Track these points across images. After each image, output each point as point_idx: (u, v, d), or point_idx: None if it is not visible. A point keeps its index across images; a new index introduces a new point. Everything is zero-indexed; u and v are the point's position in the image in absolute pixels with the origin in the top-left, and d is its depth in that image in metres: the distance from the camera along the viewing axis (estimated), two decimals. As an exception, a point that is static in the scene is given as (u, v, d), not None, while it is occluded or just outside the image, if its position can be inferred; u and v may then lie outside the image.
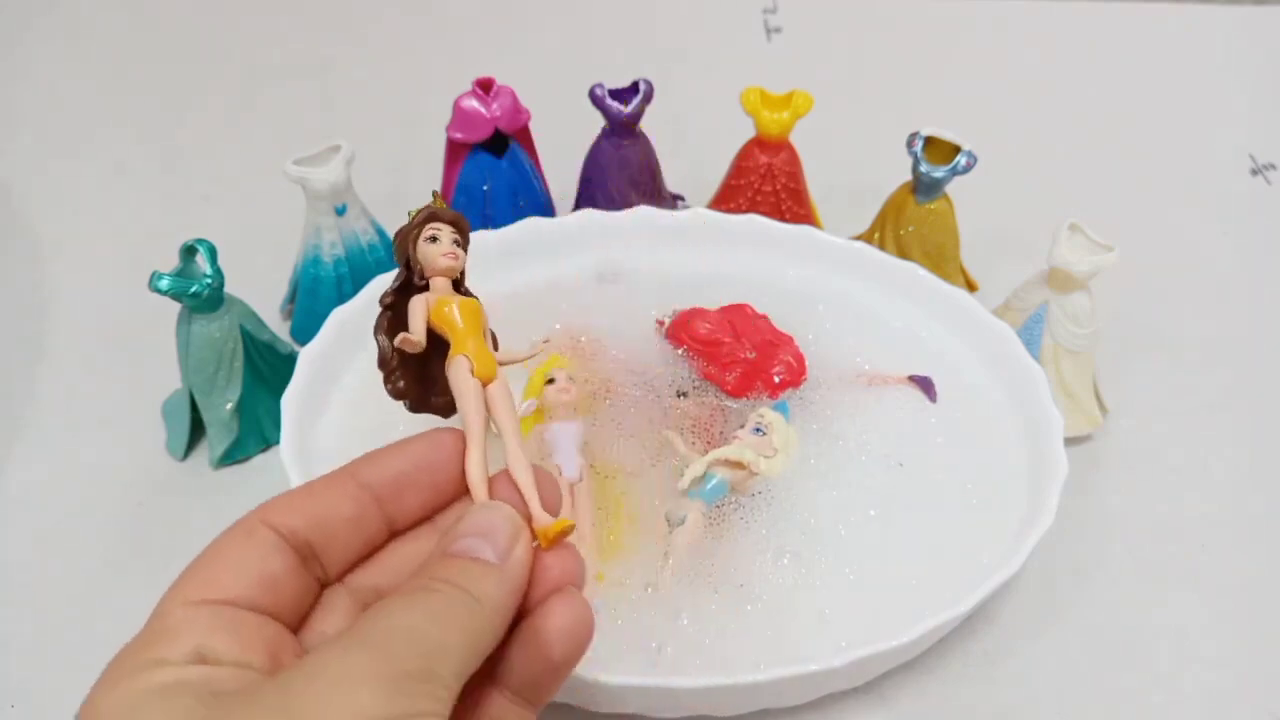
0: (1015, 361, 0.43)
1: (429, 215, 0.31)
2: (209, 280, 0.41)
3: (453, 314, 0.30)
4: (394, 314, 0.31)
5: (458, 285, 0.31)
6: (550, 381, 0.41)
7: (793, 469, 0.40)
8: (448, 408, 0.31)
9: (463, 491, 0.28)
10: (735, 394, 0.42)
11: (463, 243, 0.31)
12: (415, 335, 0.29)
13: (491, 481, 0.28)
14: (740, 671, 0.32)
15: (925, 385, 0.43)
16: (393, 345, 0.30)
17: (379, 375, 0.31)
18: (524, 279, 0.47)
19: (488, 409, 0.29)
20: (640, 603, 0.36)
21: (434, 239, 0.30)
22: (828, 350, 0.45)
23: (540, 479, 0.28)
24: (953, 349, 0.45)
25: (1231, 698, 0.38)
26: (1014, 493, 0.40)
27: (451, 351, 0.29)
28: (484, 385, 0.29)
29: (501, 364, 0.30)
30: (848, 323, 0.46)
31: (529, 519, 0.27)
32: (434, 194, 0.33)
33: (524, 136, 0.52)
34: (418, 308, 0.30)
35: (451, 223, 0.31)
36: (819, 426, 0.42)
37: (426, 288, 0.31)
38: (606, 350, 0.45)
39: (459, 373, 0.29)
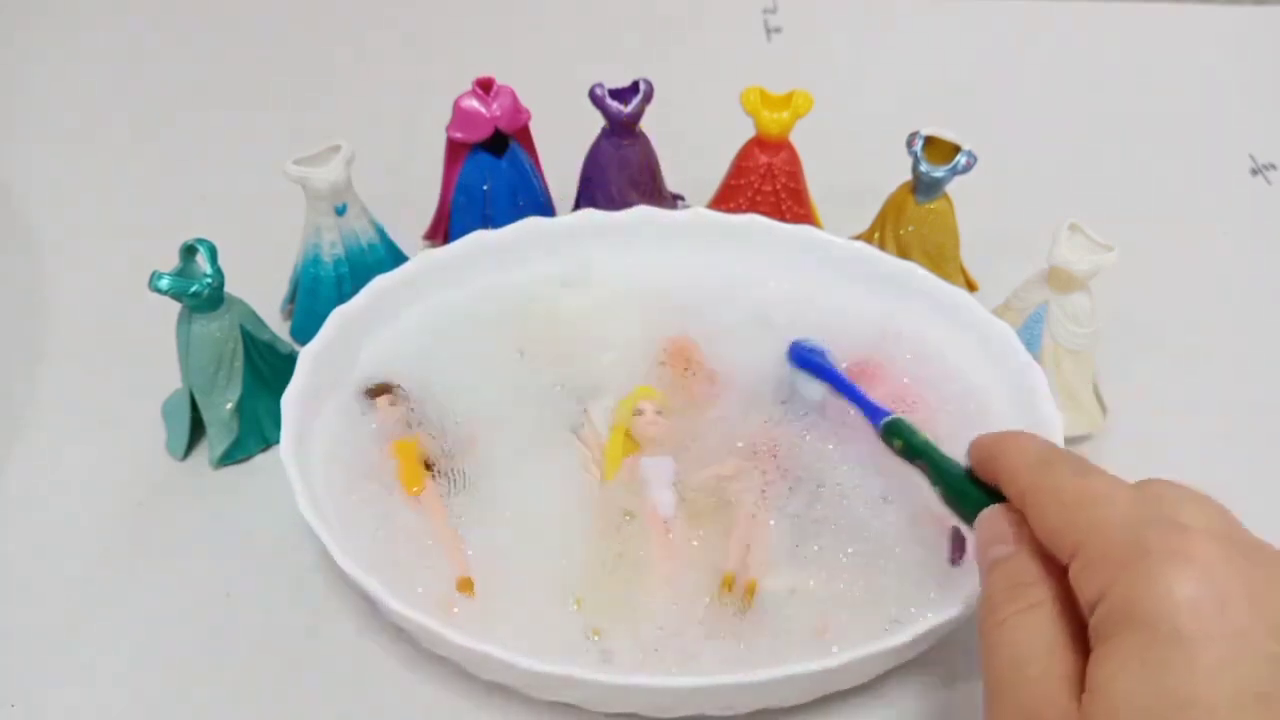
0: (1015, 361, 0.43)
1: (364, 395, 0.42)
2: (209, 280, 0.41)
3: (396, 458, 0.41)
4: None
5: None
6: (639, 414, 0.42)
7: (791, 468, 0.40)
8: None
9: None
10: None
11: (394, 400, 0.42)
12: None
13: None
14: (740, 671, 0.32)
15: (956, 543, 0.38)
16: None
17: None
18: (524, 279, 0.47)
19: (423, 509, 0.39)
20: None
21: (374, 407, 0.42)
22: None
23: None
24: (953, 349, 0.45)
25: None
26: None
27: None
28: (418, 494, 0.40)
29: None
30: (848, 322, 0.46)
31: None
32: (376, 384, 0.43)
33: (524, 136, 0.52)
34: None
35: (380, 393, 0.43)
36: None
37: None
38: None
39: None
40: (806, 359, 0.44)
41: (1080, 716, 0.23)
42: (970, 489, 0.33)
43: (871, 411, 0.40)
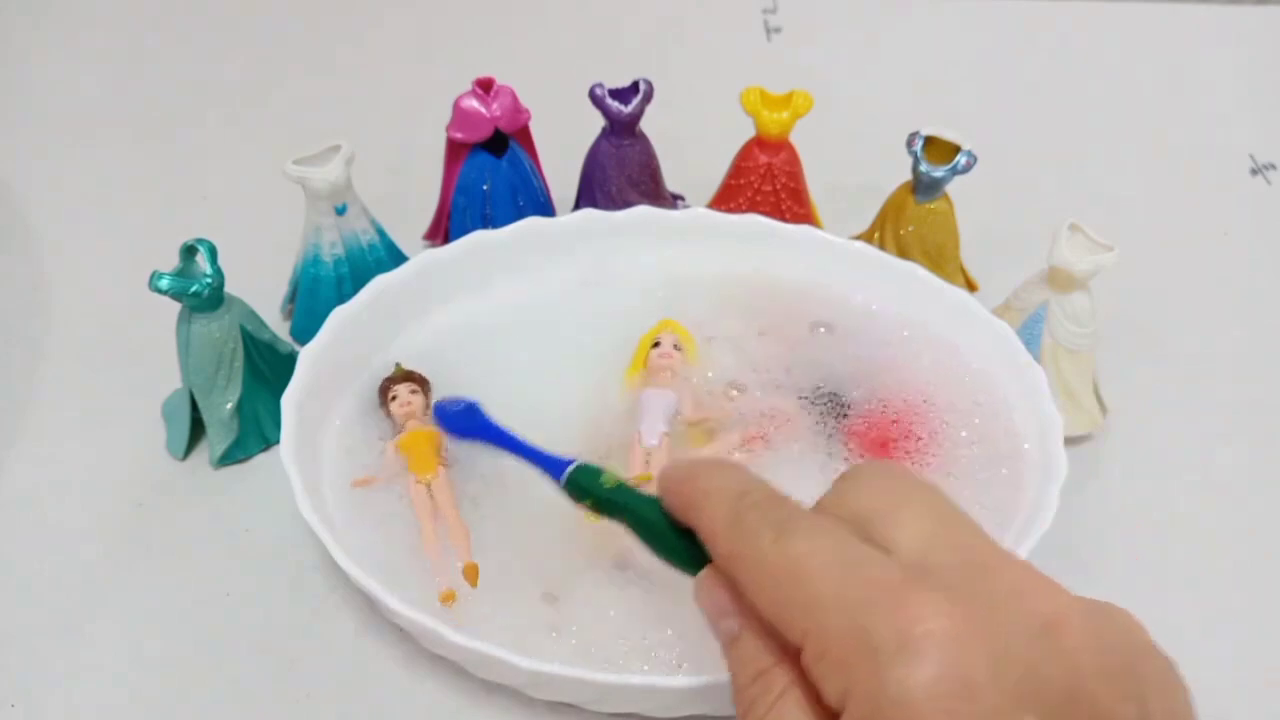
0: (1015, 361, 0.43)
1: (384, 384, 0.43)
2: (209, 280, 0.41)
3: (407, 449, 0.41)
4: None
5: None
6: (656, 345, 0.43)
7: (790, 468, 0.40)
8: None
9: None
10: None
11: (420, 390, 0.43)
12: (382, 475, 0.41)
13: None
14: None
15: None
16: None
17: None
18: (524, 279, 0.47)
19: (433, 497, 0.40)
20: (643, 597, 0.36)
21: (394, 398, 0.42)
22: (827, 350, 0.45)
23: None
24: (953, 349, 0.45)
25: (1231, 697, 0.38)
26: (1014, 492, 0.40)
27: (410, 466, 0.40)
28: (428, 482, 0.40)
29: None
30: (847, 323, 0.46)
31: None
32: (396, 365, 0.44)
33: (524, 136, 0.52)
34: (388, 452, 0.41)
35: (404, 380, 0.43)
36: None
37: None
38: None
39: (411, 486, 0.40)
40: (456, 423, 0.38)
41: None
42: (677, 541, 0.28)
43: (549, 465, 0.34)
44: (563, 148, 0.53)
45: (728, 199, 0.52)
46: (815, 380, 0.44)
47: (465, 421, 0.37)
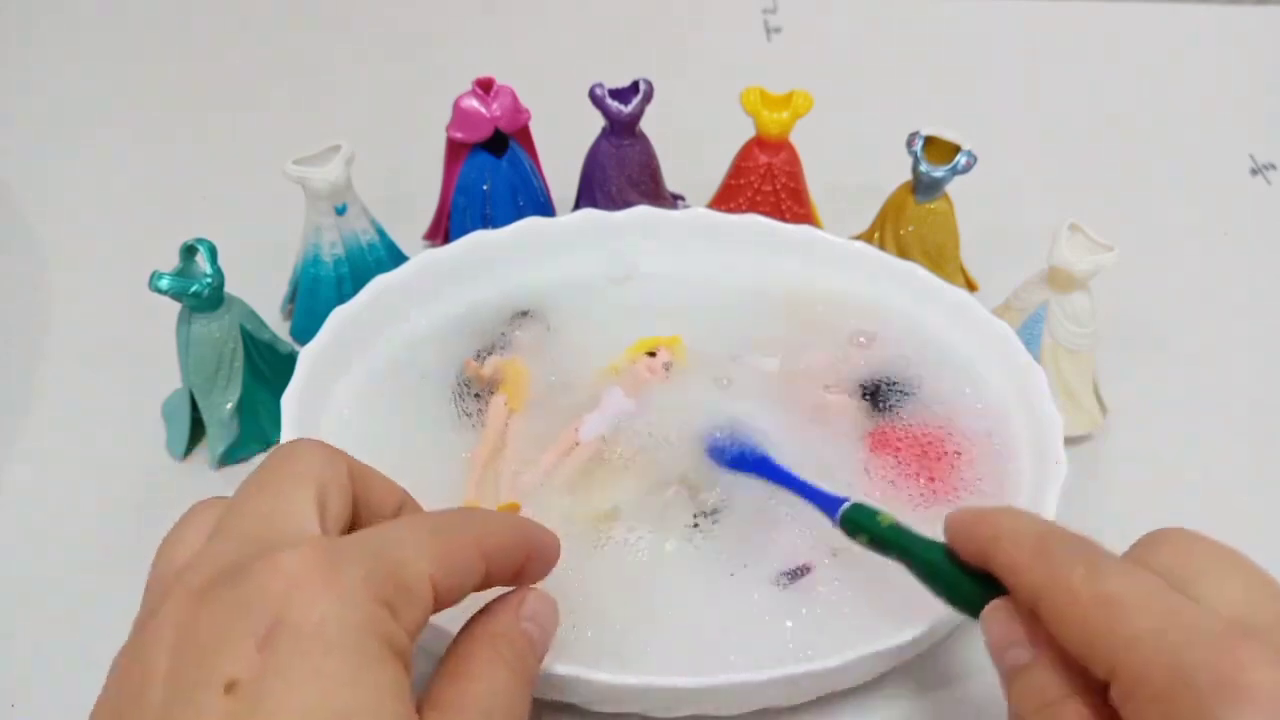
0: (1015, 361, 0.43)
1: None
2: (209, 280, 0.41)
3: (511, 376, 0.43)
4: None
5: None
6: (651, 354, 0.43)
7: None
8: None
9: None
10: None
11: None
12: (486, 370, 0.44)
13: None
14: (740, 671, 0.32)
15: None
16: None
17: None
18: (524, 279, 0.47)
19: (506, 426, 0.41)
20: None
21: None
22: (827, 350, 0.45)
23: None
24: (953, 349, 0.45)
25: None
26: (1014, 492, 0.40)
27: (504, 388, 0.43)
28: (510, 411, 0.41)
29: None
30: (846, 323, 0.46)
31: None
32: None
33: (524, 136, 0.52)
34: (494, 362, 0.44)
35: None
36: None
37: None
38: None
39: (495, 401, 0.42)
40: (732, 459, 0.39)
41: None
42: (960, 578, 0.30)
43: (824, 502, 0.35)
44: (563, 148, 0.53)
45: (728, 199, 0.52)
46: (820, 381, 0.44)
47: (745, 460, 0.39)
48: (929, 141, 0.48)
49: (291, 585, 0.23)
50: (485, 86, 0.50)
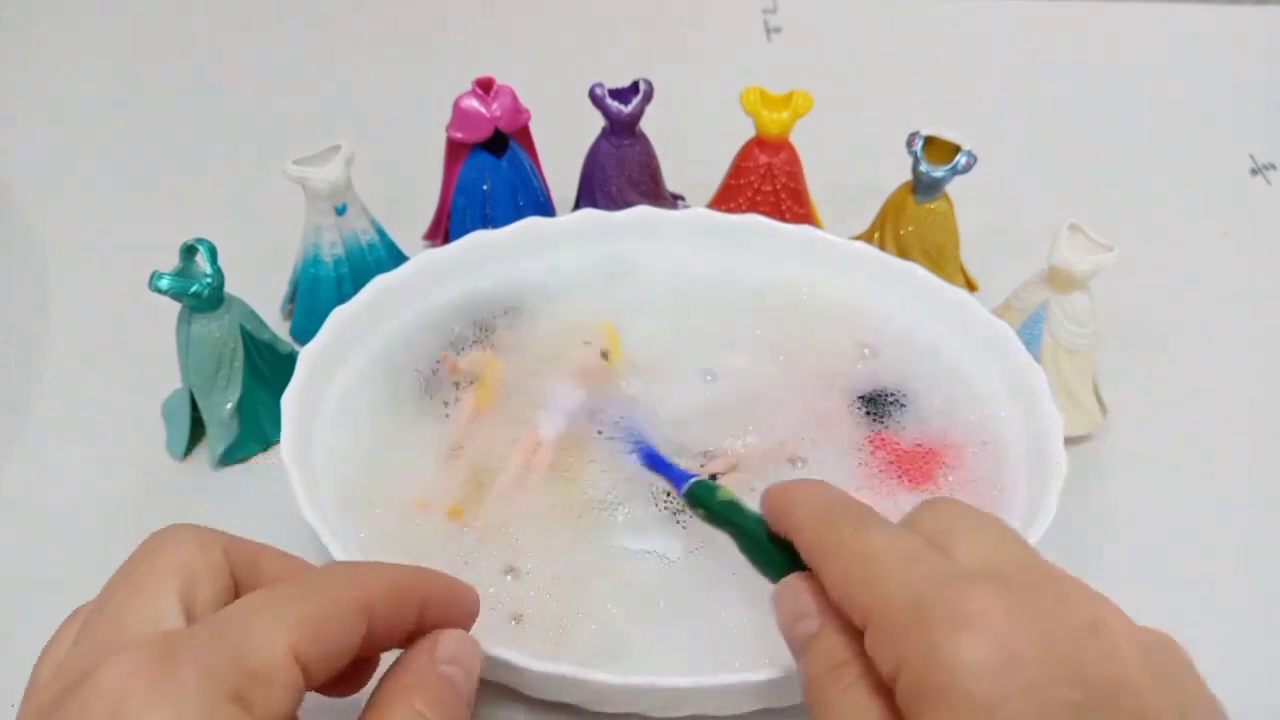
0: (1015, 361, 0.43)
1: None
2: (209, 280, 0.41)
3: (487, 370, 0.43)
4: None
5: None
6: (586, 343, 0.43)
7: (787, 471, 0.40)
8: None
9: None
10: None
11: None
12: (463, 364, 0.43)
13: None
14: (739, 671, 0.32)
15: None
16: None
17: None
18: (524, 279, 0.47)
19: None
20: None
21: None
22: (826, 350, 0.45)
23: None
24: (953, 349, 0.45)
25: (1231, 697, 0.38)
26: (1013, 492, 0.40)
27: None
28: (480, 403, 0.41)
29: None
30: (846, 323, 0.46)
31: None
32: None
33: (524, 136, 0.52)
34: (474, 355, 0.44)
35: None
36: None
37: None
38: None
39: (471, 392, 0.42)
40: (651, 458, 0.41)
41: None
42: (774, 553, 0.31)
43: (674, 476, 0.38)
44: (563, 148, 0.53)
45: (728, 199, 0.52)
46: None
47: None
48: (929, 141, 0.48)
49: (121, 697, 0.22)
50: (485, 86, 0.50)
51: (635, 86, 0.50)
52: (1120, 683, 0.22)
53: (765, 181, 0.51)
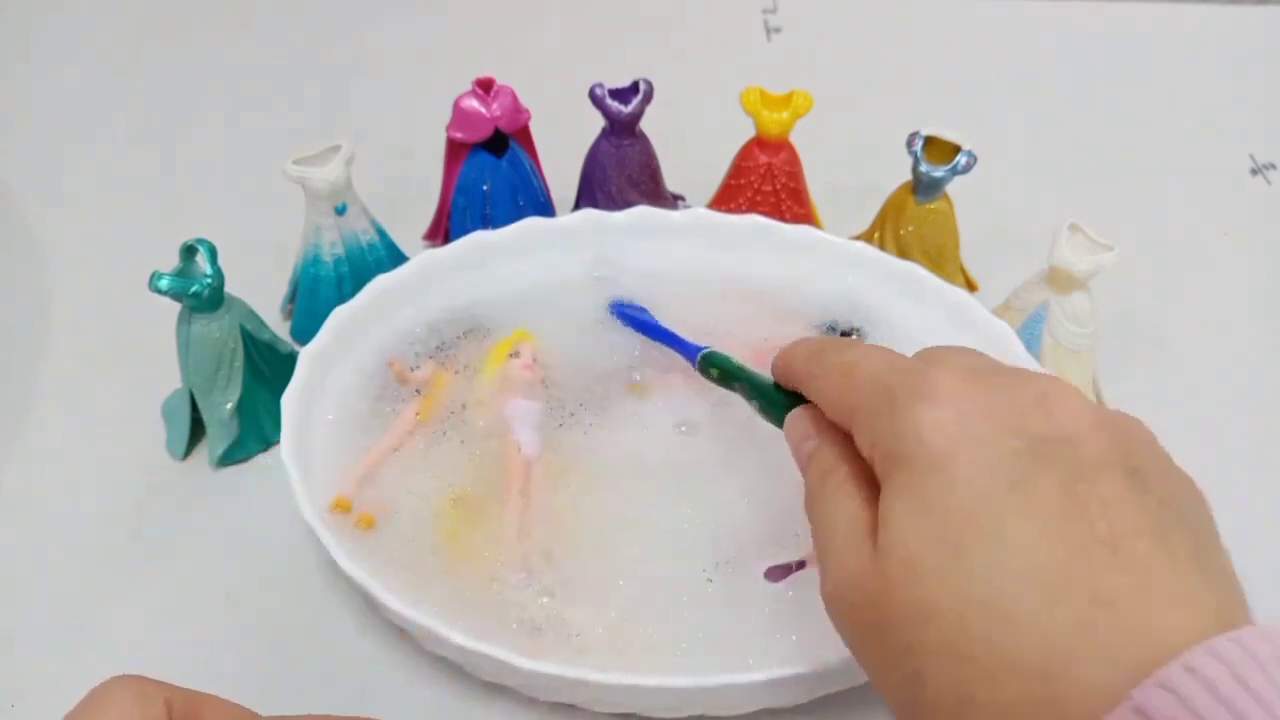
0: (1015, 361, 0.42)
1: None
2: (209, 280, 0.41)
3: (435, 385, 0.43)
4: None
5: None
6: (515, 355, 0.43)
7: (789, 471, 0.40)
8: None
9: None
10: None
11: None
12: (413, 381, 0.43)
13: None
14: (739, 671, 0.32)
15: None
16: None
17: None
18: (524, 279, 0.47)
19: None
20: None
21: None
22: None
23: None
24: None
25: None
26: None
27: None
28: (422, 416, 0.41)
29: None
30: (847, 323, 0.46)
31: None
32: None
33: (524, 136, 0.52)
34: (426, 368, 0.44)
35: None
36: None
37: None
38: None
39: (409, 412, 0.42)
40: (624, 313, 0.46)
41: (875, 552, 0.25)
42: (778, 398, 0.35)
43: (687, 349, 0.42)
44: (563, 148, 0.53)
45: (728, 199, 0.52)
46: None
47: (634, 316, 0.45)
48: (929, 141, 0.48)
49: None
50: (485, 86, 0.50)
51: (635, 86, 0.50)
52: (1063, 438, 0.24)
53: (765, 181, 0.51)
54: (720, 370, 0.39)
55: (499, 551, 0.37)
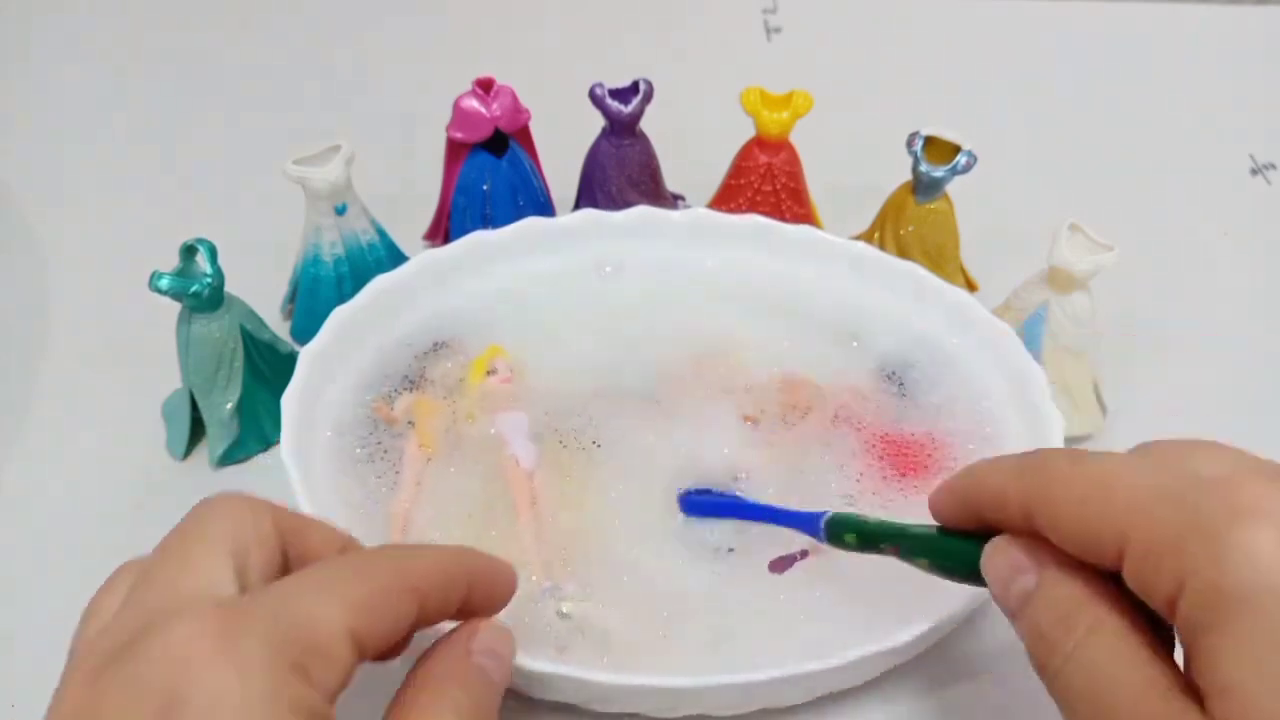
0: (1015, 361, 0.43)
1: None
2: (209, 280, 0.41)
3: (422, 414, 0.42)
4: None
5: None
6: (491, 372, 0.43)
7: (790, 472, 0.41)
8: None
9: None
10: None
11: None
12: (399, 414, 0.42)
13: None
14: (739, 671, 0.32)
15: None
16: None
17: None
18: (524, 279, 0.47)
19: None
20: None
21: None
22: (825, 351, 0.45)
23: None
24: (953, 349, 0.45)
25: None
26: (1014, 493, 0.40)
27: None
28: (428, 456, 0.40)
29: None
30: (846, 322, 0.46)
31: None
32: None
33: (524, 136, 0.52)
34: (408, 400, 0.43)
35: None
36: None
37: None
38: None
39: (412, 445, 0.41)
40: (699, 505, 0.39)
41: None
42: (954, 545, 0.29)
43: (802, 521, 0.35)
44: (563, 148, 0.53)
45: (728, 199, 0.52)
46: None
47: (707, 504, 0.39)
48: (929, 141, 0.48)
49: (186, 659, 0.22)
50: (485, 86, 0.50)
51: (635, 86, 0.50)
52: None
53: (765, 181, 0.51)
54: (858, 534, 0.33)
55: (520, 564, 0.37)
